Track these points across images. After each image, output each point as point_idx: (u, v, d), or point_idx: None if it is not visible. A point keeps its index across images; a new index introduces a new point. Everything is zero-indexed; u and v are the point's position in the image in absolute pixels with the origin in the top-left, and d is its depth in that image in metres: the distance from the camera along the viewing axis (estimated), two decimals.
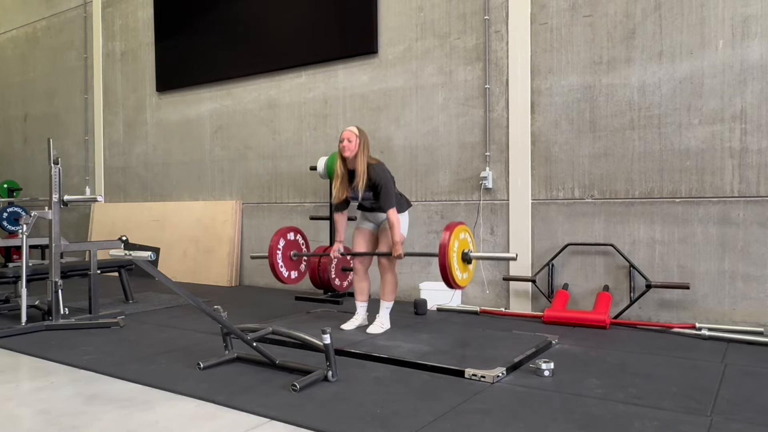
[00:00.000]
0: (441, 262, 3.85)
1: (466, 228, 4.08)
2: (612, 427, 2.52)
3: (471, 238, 4.14)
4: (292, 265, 4.77)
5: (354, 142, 4.15)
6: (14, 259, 8.07)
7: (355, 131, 4.19)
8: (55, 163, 4.63)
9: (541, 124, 5.14)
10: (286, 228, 4.79)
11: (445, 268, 3.83)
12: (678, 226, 4.59)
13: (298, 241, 4.86)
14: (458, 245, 3.94)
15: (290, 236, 4.80)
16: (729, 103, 4.41)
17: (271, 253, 4.60)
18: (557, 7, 5.04)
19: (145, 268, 3.15)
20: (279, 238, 4.68)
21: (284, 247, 4.71)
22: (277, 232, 4.69)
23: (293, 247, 4.80)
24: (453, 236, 3.87)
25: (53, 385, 3.20)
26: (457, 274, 3.91)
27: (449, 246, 3.83)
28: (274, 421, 2.63)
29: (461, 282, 3.97)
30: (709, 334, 4.08)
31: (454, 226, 3.93)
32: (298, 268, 4.83)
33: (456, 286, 3.94)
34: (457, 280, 3.92)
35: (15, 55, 10.29)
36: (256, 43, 6.94)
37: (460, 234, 3.97)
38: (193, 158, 7.75)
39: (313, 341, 3.24)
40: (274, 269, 4.61)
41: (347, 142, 4.16)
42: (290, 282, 4.74)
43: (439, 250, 3.85)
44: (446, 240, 3.84)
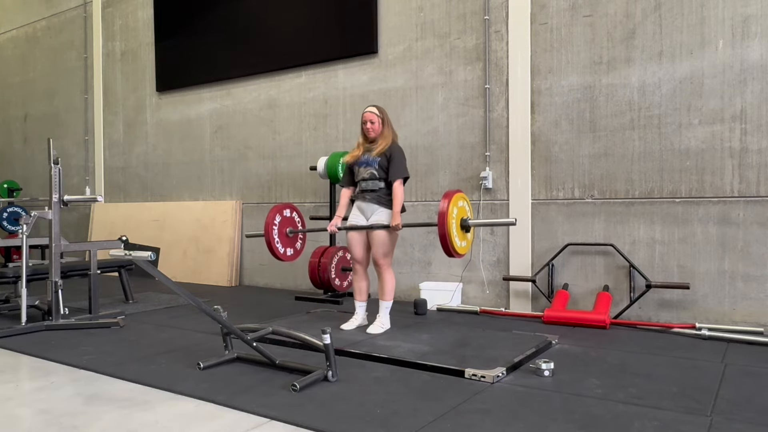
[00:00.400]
0: (441, 231, 3.85)
1: (464, 196, 4.09)
2: (612, 427, 2.52)
3: (469, 206, 4.15)
4: (288, 242, 4.77)
5: (377, 123, 4.26)
6: (14, 259, 8.07)
7: (376, 111, 4.27)
8: (55, 163, 4.63)
9: (541, 124, 5.14)
10: (282, 205, 4.78)
11: (445, 237, 3.84)
12: (678, 226, 4.59)
13: (294, 218, 4.85)
14: (457, 213, 3.95)
15: (286, 213, 4.79)
16: (729, 103, 4.41)
17: (267, 230, 4.60)
18: (557, 7, 5.04)
19: (145, 268, 3.15)
20: (275, 214, 4.67)
21: (280, 224, 4.70)
22: (273, 209, 4.68)
23: (289, 223, 4.79)
24: (451, 204, 3.88)
25: (53, 385, 3.20)
26: (456, 242, 3.92)
27: (448, 213, 3.83)
28: (274, 421, 2.63)
29: (460, 249, 3.98)
30: (709, 334, 4.08)
31: (452, 194, 3.93)
32: (294, 245, 4.83)
33: (455, 254, 3.95)
34: (457, 248, 3.93)
35: (15, 55, 10.29)
36: (256, 43, 6.94)
37: (458, 202, 3.98)
38: (193, 158, 7.75)
39: (313, 341, 3.24)
40: (271, 246, 4.61)
41: (370, 124, 4.25)
42: (286, 259, 4.74)
43: (438, 218, 3.86)
44: (445, 208, 3.84)
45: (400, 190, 4.21)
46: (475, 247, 5.45)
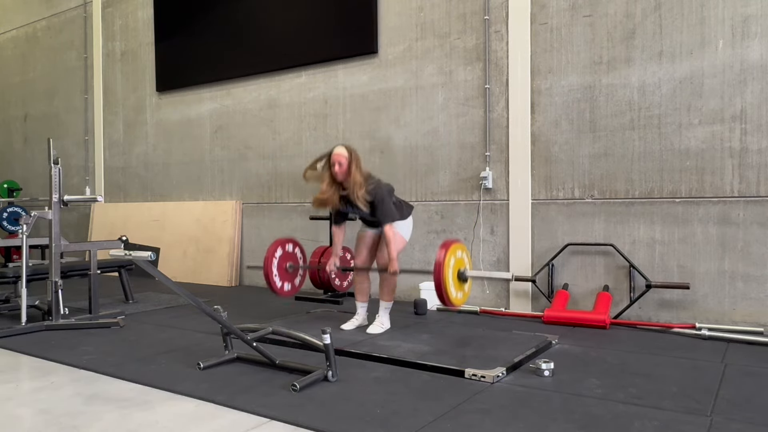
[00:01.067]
0: (436, 281, 3.81)
1: (463, 246, 4.05)
2: (612, 427, 2.52)
3: (467, 257, 4.11)
4: (287, 277, 4.74)
5: (344, 164, 4.10)
6: (14, 259, 8.07)
7: (345, 153, 4.12)
8: (55, 163, 4.63)
9: (541, 124, 5.14)
10: (284, 239, 4.75)
11: (440, 287, 3.80)
12: (678, 226, 4.59)
13: (296, 253, 4.82)
14: (455, 260, 3.91)
15: (288, 247, 4.76)
16: (729, 103, 4.41)
17: (266, 264, 4.57)
18: (557, 7, 5.04)
19: (145, 268, 3.15)
20: (276, 248, 4.64)
21: (280, 258, 4.67)
22: (275, 243, 4.65)
23: (290, 258, 4.77)
24: (449, 254, 3.84)
25: (53, 385, 3.20)
26: (452, 293, 3.88)
27: (444, 264, 3.79)
28: (274, 421, 2.63)
29: (456, 301, 3.94)
30: (709, 334, 4.08)
31: (450, 243, 3.90)
32: (292, 281, 4.80)
33: (450, 304, 3.91)
34: (452, 299, 3.88)
35: (15, 55, 10.29)
36: (256, 43, 6.94)
37: (456, 252, 3.93)
38: (193, 158, 7.75)
39: (313, 341, 3.24)
40: (268, 279, 4.58)
41: (338, 166, 4.10)
42: (283, 294, 4.69)
43: (435, 267, 3.82)
44: (441, 258, 3.80)
45: (391, 234, 4.13)
46: (475, 247, 5.45)
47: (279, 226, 6.88)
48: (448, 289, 3.84)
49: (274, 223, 6.93)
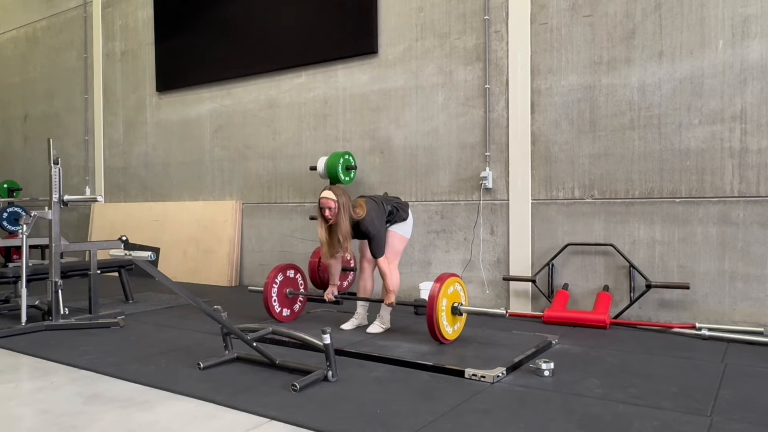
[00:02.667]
0: (428, 314, 3.80)
1: (459, 280, 4.03)
2: (612, 427, 2.52)
3: (464, 290, 4.09)
4: (287, 303, 4.76)
5: (334, 209, 4.04)
6: (14, 259, 8.07)
7: (332, 196, 4.03)
8: (55, 163, 4.63)
9: (541, 124, 5.14)
10: (283, 266, 4.77)
11: (432, 320, 3.78)
12: (678, 226, 4.59)
13: (297, 279, 4.83)
14: (447, 299, 3.88)
15: (289, 273, 4.78)
16: (729, 103, 4.41)
17: (266, 288, 4.58)
18: (557, 7, 5.04)
19: (145, 268, 3.15)
20: (277, 273, 4.66)
21: (281, 284, 4.69)
22: (275, 269, 4.68)
23: (290, 284, 4.77)
24: (443, 289, 3.82)
25: (53, 385, 3.20)
26: (445, 329, 3.86)
27: (438, 298, 3.77)
28: (274, 421, 2.63)
29: (448, 335, 3.92)
30: (709, 334, 4.08)
31: (445, 277, 3.88)
32: (291, 307, 4.81)
33: (444, 339, 3.88)
34: (444, 333, 3.86)
35: (15, 55, 10.29)
36: (256, 43, 6.94)
37: (450, 287, 3.91)
38: (193, 158, 7.75)
39: (313, 341, 3.24)
40: (267, 304, 4.61)
41: (328, 211, 4.04)
42: (281, 319, 4.72)
43: (428, 302, 3.80)
44: (436, 292, 3.78)
45: (385, 268, 4.14)
46: (475, 247, 5.45)
47: (279, 226, 6.88)
48: (441, 324, 3.80)
49: (274, 223, 6.93)
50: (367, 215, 4.10)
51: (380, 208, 4.22)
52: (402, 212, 4.37)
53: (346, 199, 4.07)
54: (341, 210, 4.03)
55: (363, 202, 4.18)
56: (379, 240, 4.12)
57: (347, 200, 4.08)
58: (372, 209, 4.15)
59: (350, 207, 4.09)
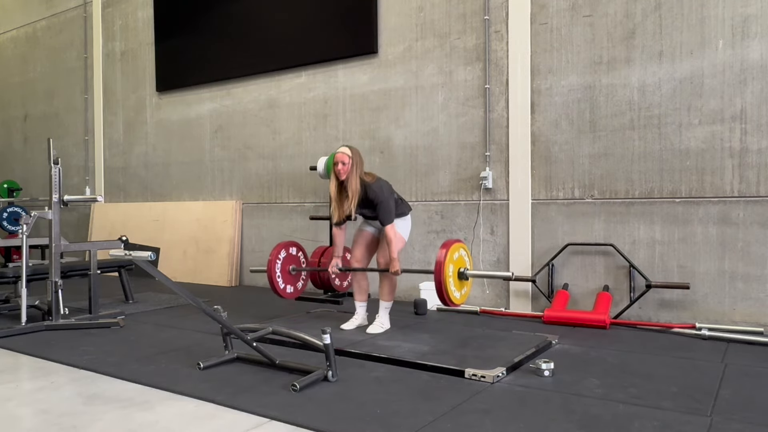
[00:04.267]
0: (437, 280, 3.84)
1: (463, 245, 4.07)
2: (612, 427, 2.52)
3: (468, 256, 4.13)
4: (290, 280, 4.76)
5: (347, 164, 4.14)
6: (14, 259, 8.07)
7: (348, 152, 4.16)
8: (55, 163, 4.63)
9: (541, 124, 5.14)
10: (287, 242, 4.78)
11: (441, 286, 3.83)
12: (678, 226, 4.59)
13: (299, 256, 4.84)
14: (453, 265, 3.93)
15: (292, 251, 4.79)
16: (729, 103, 4.41)
17: (270, 267, 4.59)
18: (557, 7, 5.04)
19: (145, 268, 3.15)
20: (279, 251, 4.67)
21: (284, 261, 4.70)
22: (278, 246, 4.68)
23: (292, 261, 4.78)
24: (449, 254, 3.86)
25: (53, 385, 3.20)
26: (453, 293, 3.91)
27: (445, 264, 3.82)
28: (274, 421, 2.63)
29: (457, 300, 3.97)
30: (709, 334, 4.08)
31: (450, 243, 3.92)
32: (295, 284, 4.82)
33: (452, 304, 3.94)
34: (454, 299, 3.92)
35: (15, 55, 10.29)
36: (256, 43, 6.94)
37: (456, 252, 3.96)
38: (193, 158, 7.75)
39: (313, 341, 3.24)
40: (272, 282, 4.61)
41: (341, 165, 4.14)
42: (287, 296, 4.73)
43: (435, 267, 3.85)
44: (442, 258, 3.83)
45: (392, 234, 4.15)
46: (475, 247, 5.45)
47: (279, 226, 6.88)
48: (449, 289, 3.86)
49: (274, 223, 6.92)
50: (376, 182, 4.21)
51: (389, 185, 4.31)
52: (404, 206, 4.39)
53: (359, 160, 4.22)
54: (354, 167, 4.16)
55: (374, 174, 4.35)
56: (387, 206, 4.16)
57: (361, 162, 4.23)
58: (381, 180, 4.27)
59: (362, 169, 4.24)
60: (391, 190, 4.28)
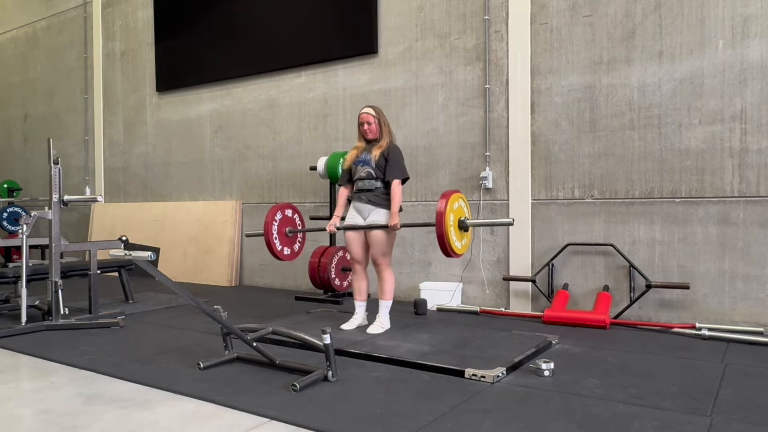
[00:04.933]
0: (438, 231, 3.85)
1: (462, 196, 4.10)
2: (612, 427, 2.52)
3: (467, 206, 4.16)
4: (287, 242, 4.77)
5: (374, 123, 4.23)
6: (14, 259, 8.07)
7: (372, 112, 4.24)
8: (55, 163, 4.63)
9: (541, 124, 5.14)
10: (282, 204, 4.78)
11: (443, 237, 3.84)
12: (678, 226, 4.59)
13: (294, 218, 4.85)
14: (454, 214, 3.95)
15: (287, 213, 4.79)
16: (729, 103, 4.41)
17: (267, 228, 4.60)
18: (557, 7, 5.04)
19: (145, 268, 3.15)
20: (275, 212, 4.67)
21: (280, 223, 4.70)
22: (273, 208, 4.68)
23: (289, 223, 4.79)
24: (449, 204, 3.88)
25: (53, 385, 3.20)
26: (454, 242, 3.92)
27: (446, 214, 3.84)
28: (274, 421, 2.63)
29: (458, 250, 3.99)
30: (709, 334, 4.08)
31: (450, 194, 3.93)
32: (292, 246, 4.82)
33: (453, 254, 3.95)
34: (455, 248, 3.93)
35: (15, 55, 10.29)
36: (256, 43, 6.94)
37: (455, 202, 3.98)
38: (193, 158, 7.75)
39: (313, 341, 3.24)
40: (270, 244, 4.61)
41: (367, 125, 4.23)
42: (284, 258, 4.73)
43: (436, 218, 3.86)
44: (442, 208, 3.84)
45: (398, 190, 4.20)
46: (475, 247, 5.45)
47: None
48: (450, 240, 3.87)
49: None
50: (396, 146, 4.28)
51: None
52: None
53: (385, 117, 4.30)
54: (383, 125, 4.25)
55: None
56: (399, 162, 4.22)
57: (386, 118, 4.32)
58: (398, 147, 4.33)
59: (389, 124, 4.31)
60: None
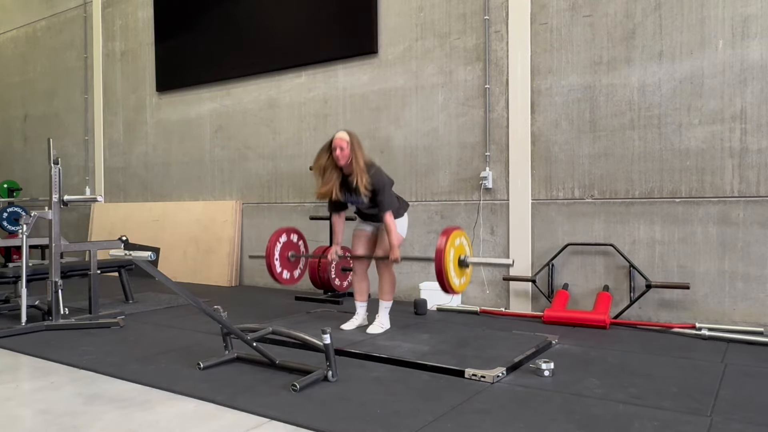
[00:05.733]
0: (437, 268, 3.82)
1: (463, 233, 4.07)
2: (612, 427, 2.52)
3: (468, 243, 4.13)
4: (289, 266, 4.76)
5: (346, 149, 4.07)
6: (14, 259, 8.07)
7: (346, 137, 4.09)
8: (55, 163, 4.63)
9: (541, 124, 5.14)
10: (286, 228, 4.77)
11: (442, 274, 3.82)
12: (678, 226, 4.59)
13: (298, 244, 4.84)
14: (454, 251, 3.92)
15: (293, 237, 4.79)
16: (729, 103, 4.41)
17: (268, 253, 4.59)
18: (557, 7, 5.04)
19: (145, 268, 3.15)
20: (278, 237, 4.67)
21: (282, 247, 4.69)
22: (276, 232, 4.67)
23: (291, 248, 4.78)
24: (449, 241, 3.85)
25: (53, 385, 3.20)
26: (453, 280, 3.89)
27: (445, 251, 3.81)
28: (274, 421, 2.63)
29: (458, 288, 3.96)
30: (709, 334, 4.08)
31: (450, 230, 3.91)
32: (293, 270, 4.81)
33: (452, 291, 3.93)
34: (454, 286, 3.90)
35: (15, 55, 10.29)
36: (256, 43, 6.94)
37: (456, 239, 3.95)
38: (193, 158, 7.75)
39: (313, 341, 3.24)
40: (270, 268, 4.59)
41: (340, 151, 4.07)
42: (285, 282, 4.72)
43: (435, 255, 3.83)
44: (442, 245, 3.82)
45: (391, 222, 4.11)
46: (476, 247, 5.45)
47: (279, 226, 6.85)
48: (450, 278, 3.85)
49: (274, 223, 6.92)
50: (376, 171, 4.13)
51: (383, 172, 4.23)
52: (402, 206, 4.36)
53: (358, 142, 4.13)
54: (354, 151, 4.07)
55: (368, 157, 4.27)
56: (388, 193, 4.11)
57: (360, 145, 4.13)
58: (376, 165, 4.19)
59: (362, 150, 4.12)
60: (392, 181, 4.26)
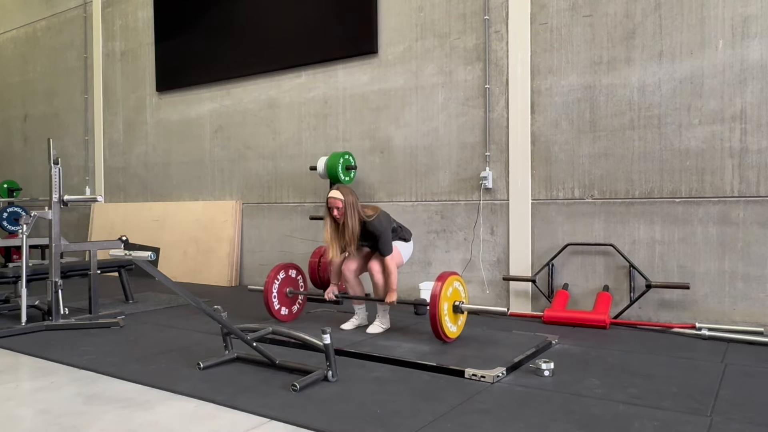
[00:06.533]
0: (431, 312, 3.81)
1: (458, 278, 4.05)
2: (612, 427, 2.52)
3: (464, 289, 4.10)
4: (287, 302, 4.76)
5: (341, 207, 4.13)
6: (14, 259, 8.07)
7: (340, 196, 4.12)
8: (55, 163, 4.63)
9: (541, 124, 5.14)
10: (285, 264, 4.78)
11: (435, 319, 3.80)
12: (678, 226, 4.59)
13: (297, 279, 4.84)
14: (448, 303, 3.90)
15: (291, 273, 4.79)
16: (729, 103, 4.41)
17: (267, 287, 4.60)
18: (557, 7, 5.04)
19: (145, 268, 3.15)
20: (278, 272, 4.67)
21: (281, 283, 4.70)
22: (275, 268, 4.69)
23: (290, 283, 4.78)
24: (445, 287, 3.84)
25: (53, 385, 3.20)
26: (447, 325, 3.87)
27: (440, 299, 3.79)
28: (274, 421, 2.63)
29: (452, 334, 3.94)
30: (709, 334, 4.08)
31: (446, 276, 3.90)
32: (291, 306, 4.82)
33: (445, 337, 3.89)
34: (447, 332, 3.88)
35: (15, 55, 10.29)
36: (256, 43, 6.94)
37: (450, 286, 3.92)
38: (193, 158, 7.75)
39: (313, 341, 3.24)
40: (268, 305, 4.62)
41: (336, 211, 4.14)
42: (281, 318, 4.72)
43: (430, 300, 3.82)
44: (437, 290, 3.80)
45: (392, 266, 4.19)
46: (476, 247, 5.45)
47: (279, 226, 6.88)
48: (443, 323, 3.83)
49: (274, 223, 6.92)
50: (376, 218, 4.20)
51: (388, 216, 4.34)
52: (404, 232, 4.47)
53: (353, 198, 4.18)
54: (348, 208, 4.13)
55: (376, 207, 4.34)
56: (386, 238, 4.19)
57: (355, 199, 4.19)
58: (381, 214, 4.26)
59: (359, 206, 4.20)
60: (390, 220, 4.32)
